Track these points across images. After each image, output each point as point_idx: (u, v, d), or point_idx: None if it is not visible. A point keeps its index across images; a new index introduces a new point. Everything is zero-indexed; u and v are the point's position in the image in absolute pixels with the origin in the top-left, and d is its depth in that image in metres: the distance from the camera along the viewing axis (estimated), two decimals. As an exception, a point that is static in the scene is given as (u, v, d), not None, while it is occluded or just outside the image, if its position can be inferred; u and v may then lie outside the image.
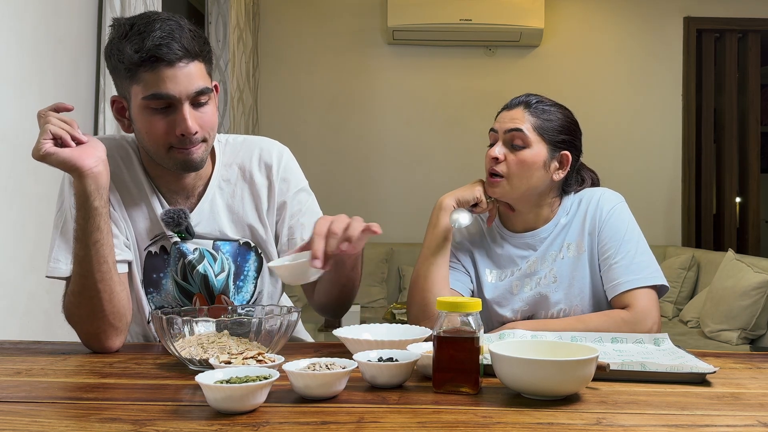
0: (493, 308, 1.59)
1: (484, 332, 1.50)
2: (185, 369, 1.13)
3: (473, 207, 1.56)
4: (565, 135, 1.56)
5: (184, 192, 1.43)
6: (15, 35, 1.99)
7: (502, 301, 1.58)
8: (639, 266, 1.50)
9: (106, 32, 2.48)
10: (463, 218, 1.52)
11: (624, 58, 5.02)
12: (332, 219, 1.22)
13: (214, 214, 1.43)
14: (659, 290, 1.50)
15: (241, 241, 1.45)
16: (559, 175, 1.56)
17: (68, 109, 1.26)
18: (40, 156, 1.19)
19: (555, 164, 1.55)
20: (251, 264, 1.45)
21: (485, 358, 1.03)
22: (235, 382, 0.90)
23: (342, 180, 5.03)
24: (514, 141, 1.53)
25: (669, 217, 4.99)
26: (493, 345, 1.01)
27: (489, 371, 1.02)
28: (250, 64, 4.64)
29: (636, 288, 1.47)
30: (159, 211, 1.40)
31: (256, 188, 1.46)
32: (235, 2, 4.18)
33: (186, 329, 1.13)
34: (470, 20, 4.66)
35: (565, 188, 1.60)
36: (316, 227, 1.21)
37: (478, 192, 1.56)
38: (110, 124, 2.51)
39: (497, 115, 1.60)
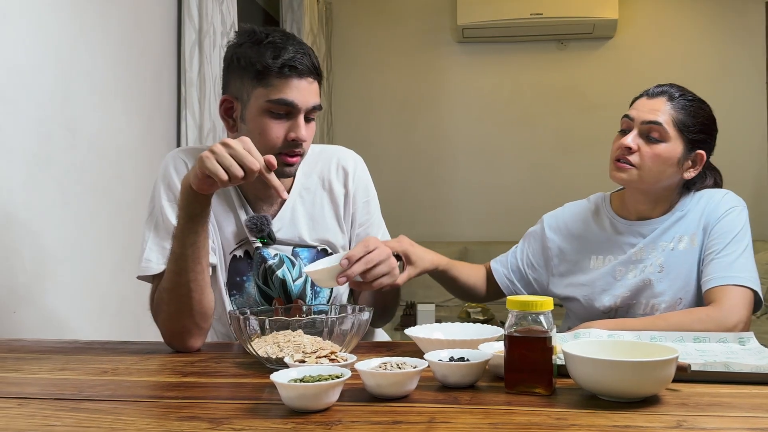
0: (594, 294, 1.58)
1: (584, 320, 1.51)
2: (262, 368, 1.16)
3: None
4: (704, 134, 1.52)
5: (270, 200, 1.49)
6: (101, 48, 2.08)
7: (605, 285, 1.57)
8: (739, 267, 1.44)
9: (186, 43, 2.57)
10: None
11: (703, 47, 4.83)
12: (378, 247, 1.31)
13: (294, 220, 1.49)
14: (755, 302, 1.44)
15: (319, 248, 1.50)
16: (690, 174, 1.53)
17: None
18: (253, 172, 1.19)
19: (689, 162, 1.52)
20: None
21: (559, 358, 1.01)
22: (308, 381, 0.92)
23: (414, 179, 5.03)
24: (651, 133, 1.49)
25: (756, 209, 4.75)
26: (566, 345, 0.99)
27: (563, 372, 1.00)
28: (323, 68, 4.70)
29: (728, 284, 1.42)
30: (244, 217, 1.46)
31: (335, 196, 1.52)
32: (308, 8, 4.24)
33: (262, 329, 1.16)
34: (541, 14, 4.58)
35: (688, 185, 1.57)
36: (365, 242, 1.32)
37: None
38: (191, 132, 2.60)
39: (634, 101, 1.56)
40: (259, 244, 1.46)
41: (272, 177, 1.21)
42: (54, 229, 1.86)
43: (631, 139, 1.49)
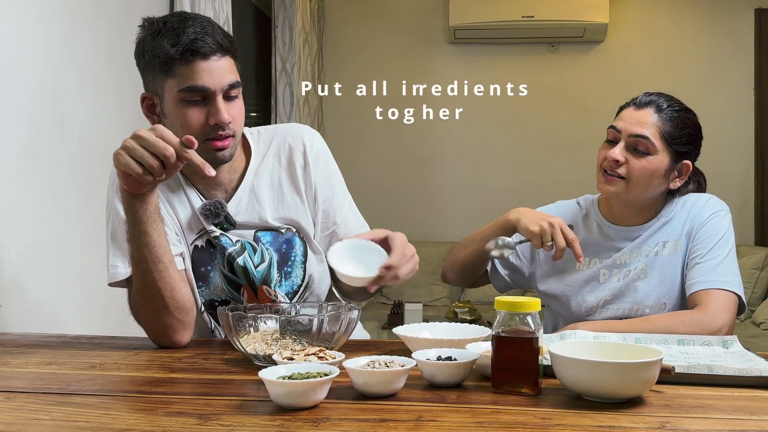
0: (576, 295, 1.59)
1: (565, 319, 1.51)
2: (250, 364, 1.16)
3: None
4: (690, 144, 1.53)
5: (221, 186, 1.44)
6: (92, 43, 2.07)
7: (588, 287, 1.58)
8: (723, 271, 1.46)
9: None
10: (505, 248, 1.50)
11: (692, 53, 4.86)
12: (402, 256, 1.28)
13: (253, 202, 1.44)
14: (738, 306, 1.46)
15: (283, 230, 1.46)
16: (676, 184, 1.55)
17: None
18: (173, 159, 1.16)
19: (675, 173, 1.53)
20: (297, 249, 1.46)
21: (545, 359, 1.02)
22: (296, 378, 0.92)
23: (404, 179, 5.04)
24: (638, 146, 1.49)
25: (741, 215, 4.81)
26: (553, 346, 1.00)
27: (549, 372, 1.02)
28: (315, 66, 4.71)
29: (713, 288, 1.44)
30: (198, 205, 1.42)
31: (294, 170, 1.47)
32: (300, 6, 4.24)
33: (251, 326, 1.16)
34: (532, 17, 4.60)
35: (672, 191, 1.58)
36: (392, 260, 1.26)
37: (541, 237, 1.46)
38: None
39: (621, 109, 1.56)
40: (218, 232, 1.41)
41: (193, 155, 1.16)
42: (42, 223, 1.85)
43: (618, 152, 1.49)
